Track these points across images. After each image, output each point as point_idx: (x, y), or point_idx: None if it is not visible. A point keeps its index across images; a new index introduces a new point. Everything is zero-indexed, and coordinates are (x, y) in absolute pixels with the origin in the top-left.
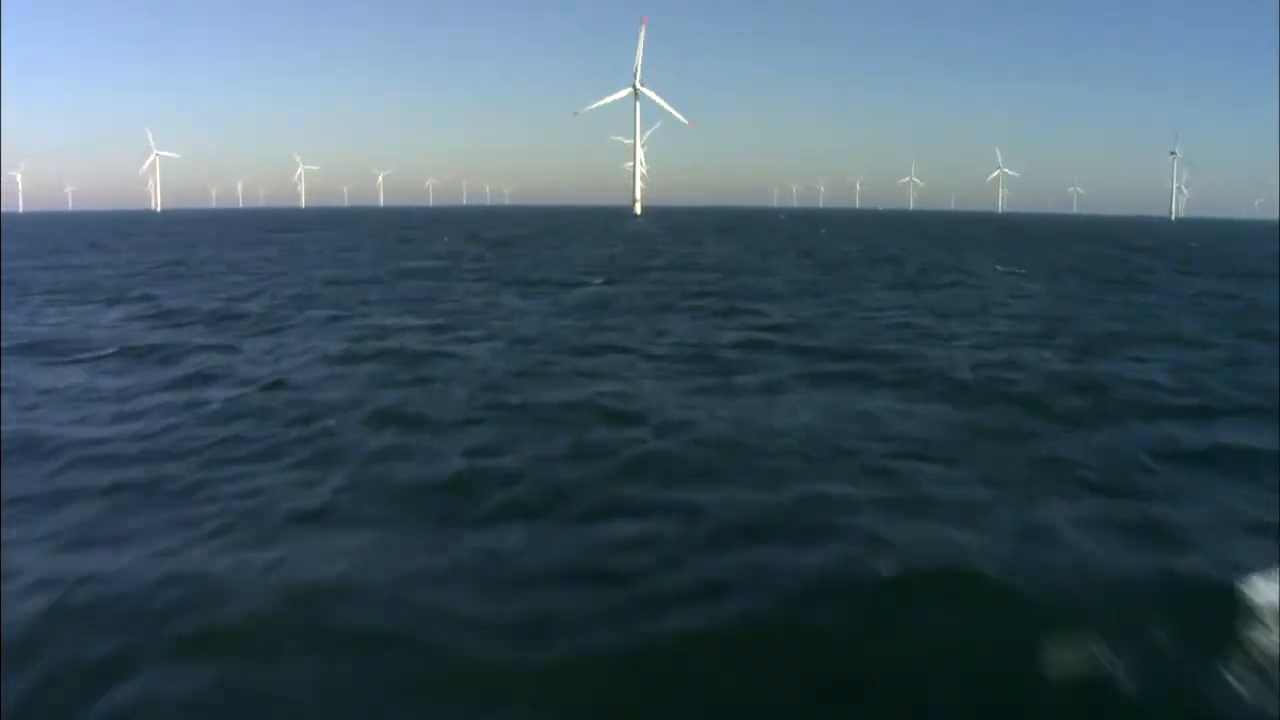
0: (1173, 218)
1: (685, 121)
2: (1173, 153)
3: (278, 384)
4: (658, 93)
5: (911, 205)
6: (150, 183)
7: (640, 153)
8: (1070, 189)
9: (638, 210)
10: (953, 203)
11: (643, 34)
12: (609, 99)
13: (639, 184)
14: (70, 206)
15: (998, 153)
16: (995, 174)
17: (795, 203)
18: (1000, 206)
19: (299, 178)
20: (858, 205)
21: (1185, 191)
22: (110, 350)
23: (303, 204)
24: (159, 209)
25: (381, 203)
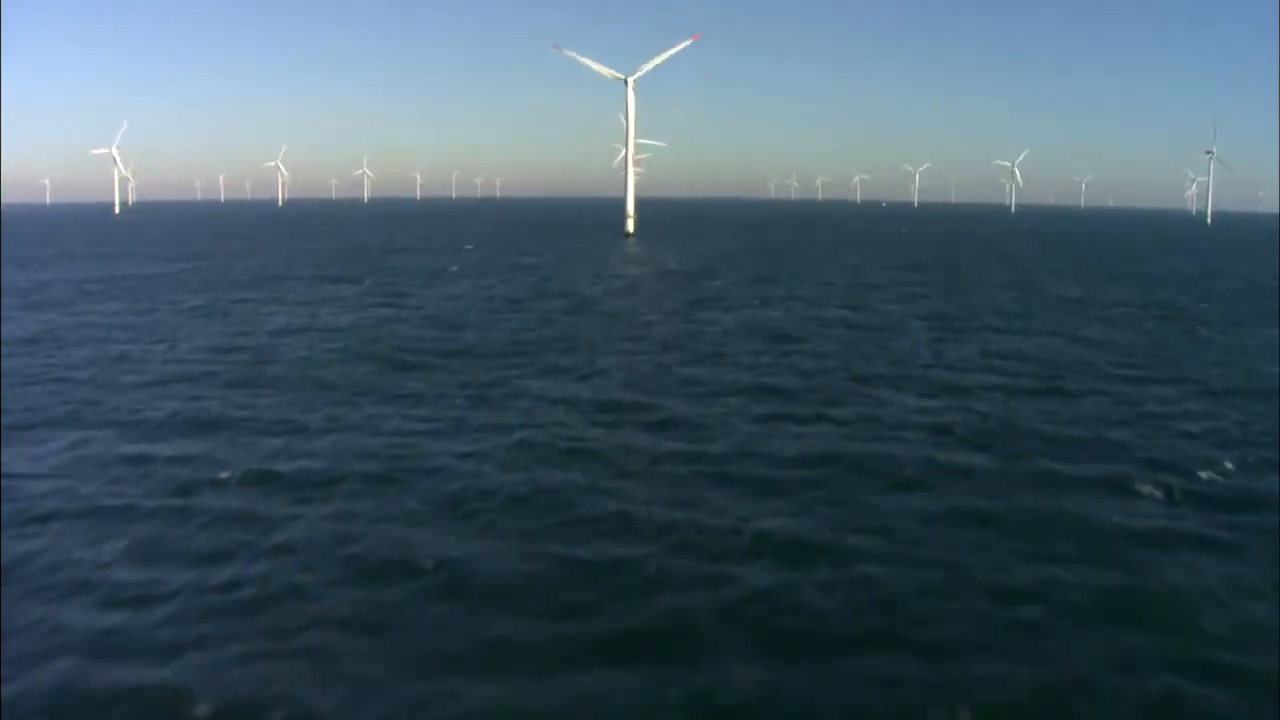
0: (1208, 220)
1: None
2: (1209, 152)
3: None
4: (638, 96)
5: (916, 202)
6: (114, 179)
7: (631, 151)
8: (1079, 182)
9: (630, 228)
10: (952, 195)
11: (683, 46)
12: (592, 64)
13: (632, 196)
14: (48, 200)
15: (1011, 152)
16: (1009, 171)
17: (793, 196)
18: (1013, 206)
19: (277, 174)
20: (859, 200)
21: (1198, 189)
22: None
23: (280, 202)
24: (118, 210)
25: (366, 199)
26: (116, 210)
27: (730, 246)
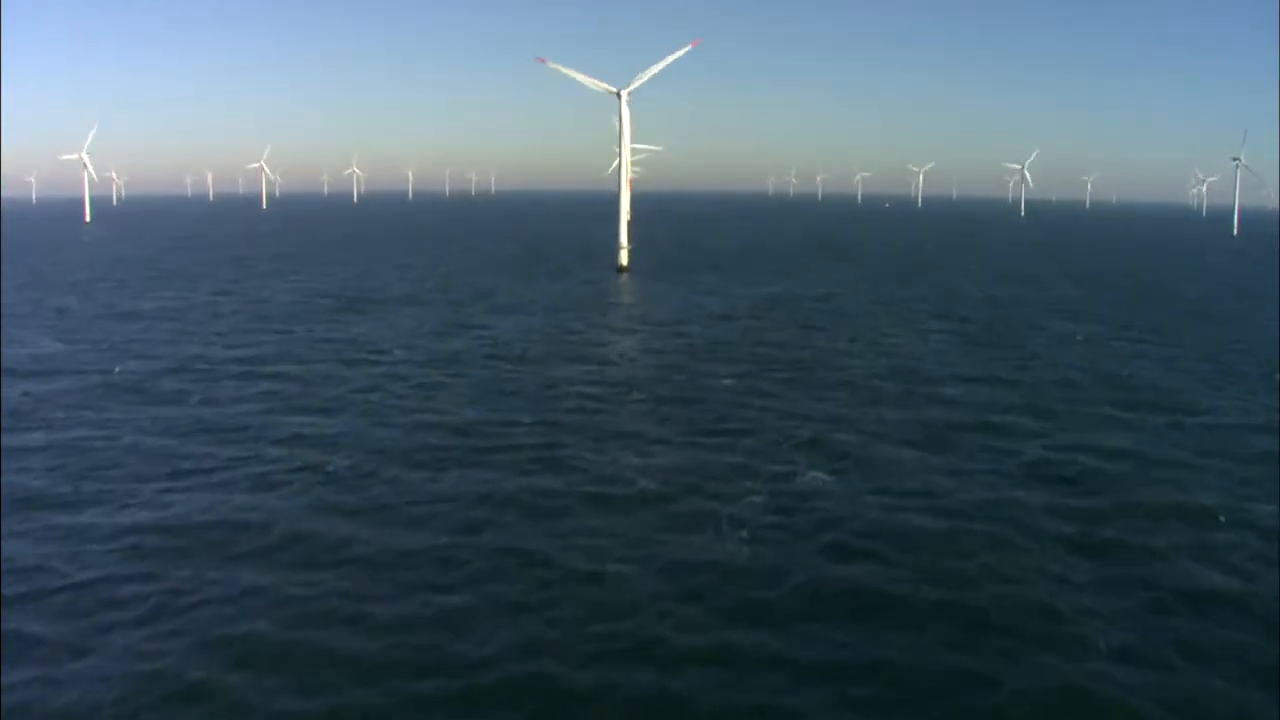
0: (1234, 230)
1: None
2: (1235, 159)
3: None
4: (632, 110)
5: (919, 201)
6: (85, 182)
7: (627, 170)
8: (1084, 179)
9: (624, 260)
10: (954, 192)
11: (681, 54)
12: (581, 77)
13: (625, 222)
14: (34, 198)
15: (1013, 146)
16: (1019, 173)
17: (792, 193)
18: (1022, 209)
19: (260, 174)
20: (860, 199)
21: (1209, 189)
22: None
23: (264, 204)
24: (89, 218)
25: (355, 200)
26: (87, 219)
27: (743, 293)
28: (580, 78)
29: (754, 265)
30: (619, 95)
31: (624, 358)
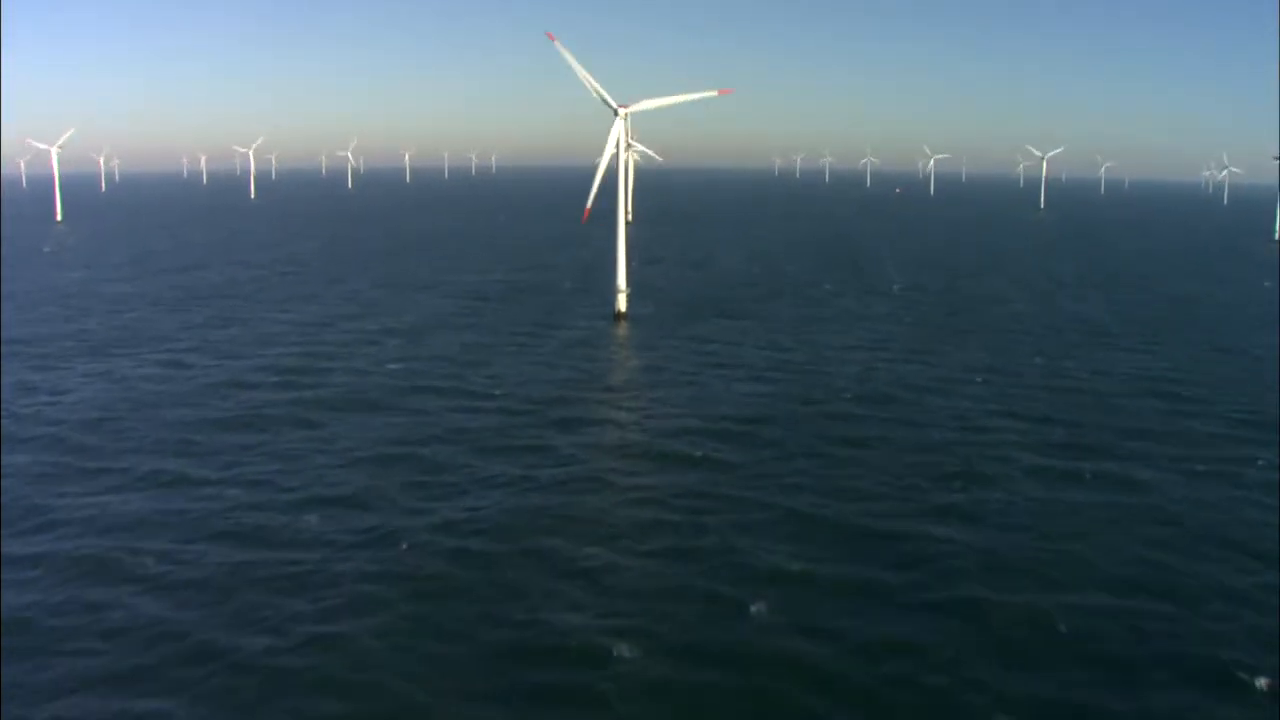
0: (1276, 235)
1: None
2: (1277, 158)
3: None
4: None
5: (932, 189)
6: (55, 176)
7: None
8: (1097, 160)
9: (621, 305)
10: (963, 174)
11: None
12: (586, 76)
13: (623, 262)
14: (24, 183)
15: (1022, 125)
16: (1034, 160)
17: (799, 172)
18: (1042, 201)
19: (249, 161)
20: (869, 182)
21: (1227, 175)
22: None
23: (253, 193)
24: (60, 216)
25: (351, 182)
26: (58, 216)
27: (760, 362)
28: (583, 74)
29: (769, 302)
30: (617, 113)
31: (614, 529)
